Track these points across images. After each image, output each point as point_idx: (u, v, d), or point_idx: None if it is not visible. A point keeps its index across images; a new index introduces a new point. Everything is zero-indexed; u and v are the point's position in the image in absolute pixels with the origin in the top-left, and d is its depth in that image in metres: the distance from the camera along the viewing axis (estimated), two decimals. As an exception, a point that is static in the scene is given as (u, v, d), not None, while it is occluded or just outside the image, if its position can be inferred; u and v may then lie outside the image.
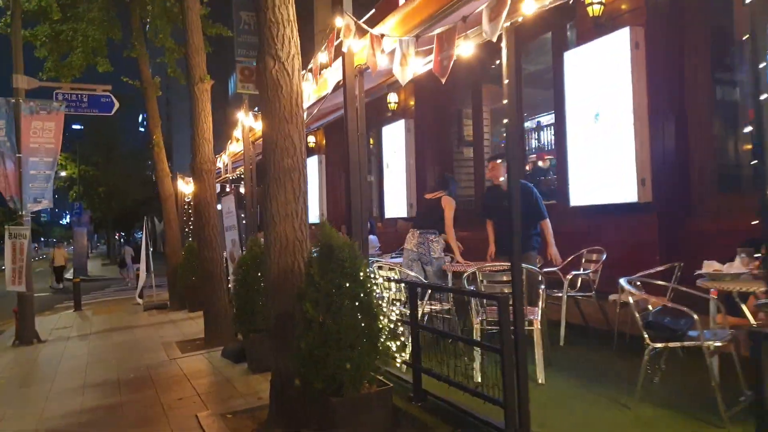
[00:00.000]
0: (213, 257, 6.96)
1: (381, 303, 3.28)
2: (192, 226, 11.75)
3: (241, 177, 11.84)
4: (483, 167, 8.44)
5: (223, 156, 11.40)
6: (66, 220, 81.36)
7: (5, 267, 8.36)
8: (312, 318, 3.10)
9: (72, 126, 34.63)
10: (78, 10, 10.51)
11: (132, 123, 54.34)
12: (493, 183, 5.31)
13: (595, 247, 5.15)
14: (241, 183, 12.97)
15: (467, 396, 3.26)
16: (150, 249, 11.54)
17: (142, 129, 54.91)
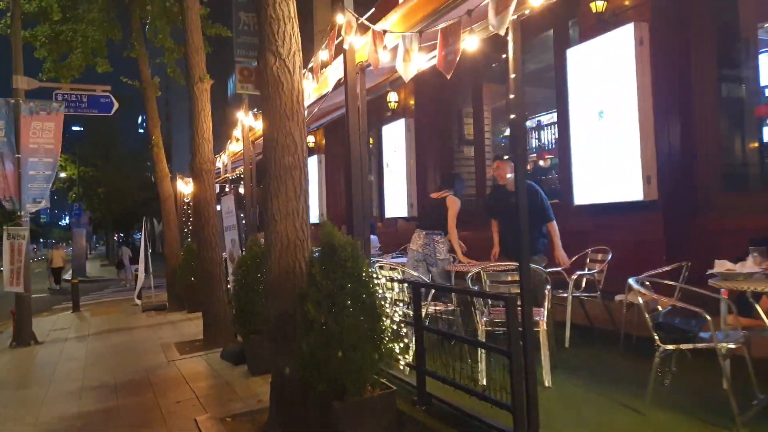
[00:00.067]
0: (212, 257, 6.92)
1: (384, 304, 3.21)
2: (191, 226, 11.72)
3: (241, 177, 11.80)
4: (484, 166, 8.39)
5: (223, 156, 11.36)
6: (65, 221, 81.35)
7: (3, 268, 8.30)
8: (314, 319, 3.04)
9: (72, 127, 34.66)
10: (78, 11, 10.47)
11: (131, 124, 54.37)
12: (498, 183, 5.22)
13: (600, 247, 5.09)
14: (241, 183, 12.93)
15: (472, 399, 3.19)
16: (149, 250, 11.48)
17: (141, 130, 54.94)
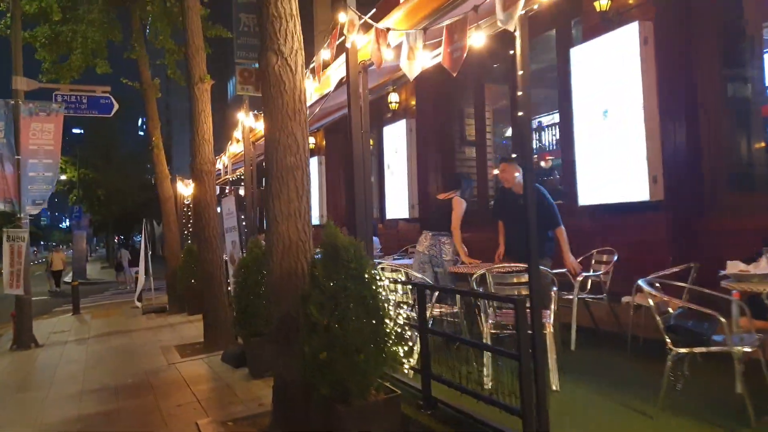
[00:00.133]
0: (213, 259, 6.87)
1: (388, 306, 3.16)
2: (191, 228, 11.67)
3: (241, 178, 11.75)
4: (486, 167, 8.34)
5: (223, 157, 11.30)
6: (66, 223, 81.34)
7: (3, 270, 8.26)
8: (316, 321, 2.98)
9: (72, 130, 34.67)
10: (78, 11, 10.43)
11: (131, 126, 54.35)
12: (504, 185, 5.13)
13: (605, 248, 5.03)
14: (241, 185, 12.88)
15: (478, 403, 3.13)
16: (149, 252, 11.43)
17: (141, 132, 54.94)
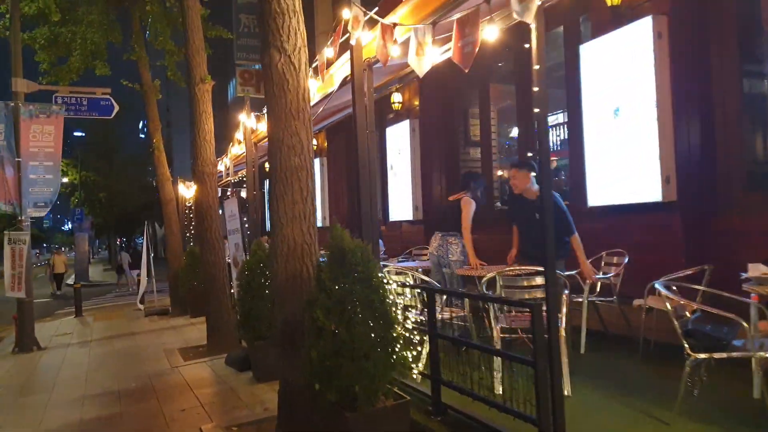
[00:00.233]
0: (215, 261, 6.82)
1: (396, 310, 3.08)
2: (193, 230, 11.61)
3: (243, 180, 11.68)
4: (491, 168, 8.24)
5: (225, 159, 11.23)
6: (68, 226, 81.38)
7: (5, 273, 8.21)
8: (323, 326, 2.91)
9: (73, 133, 34.68)
10: (77, 13, 10.38)
11: (132, 129, 54.42)
12: (514, 192, 4.95)
13: (616, 250, 4.93)
14: (243, 187, 12.81)
15: (488, 409, 3.05)
16: (151, 254, 11.39)
17: (142, 135, 54.99)
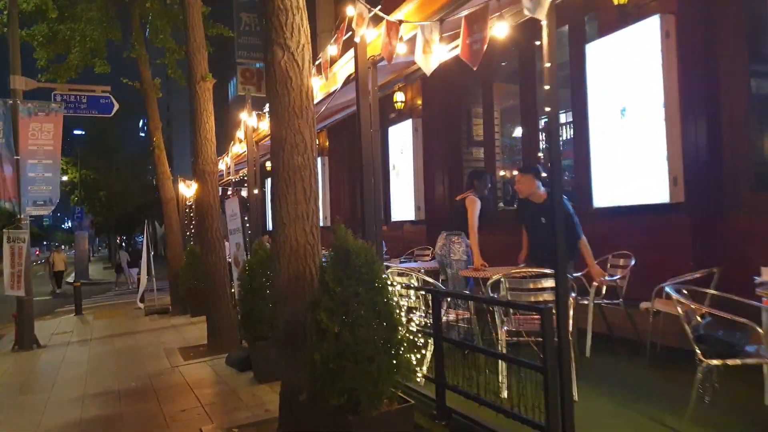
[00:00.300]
0: (216, 261, 6.78)
1: (400, 312, 3.02)
2: (193, 229, 11.56)
3: (244, 179, 11.62)
4: (494, 168, 8.19)
5: (226, 158, 11.18)
6: (68, 224, 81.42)
7: (4, 271, 8.17)
8: (326, 328, 2.85)
9: (73, 131, 34.64)
10: (76, 9, 10.31)
11: (132, 128, 54.33)
12: (519, 197, 4.90)
13: (622, 252, 4.87)
14: (244, 186, 12.75)
15: (495, 414, 2.99)
16: (151, 252, 11.35)
17: (142, 134, 54.95)
